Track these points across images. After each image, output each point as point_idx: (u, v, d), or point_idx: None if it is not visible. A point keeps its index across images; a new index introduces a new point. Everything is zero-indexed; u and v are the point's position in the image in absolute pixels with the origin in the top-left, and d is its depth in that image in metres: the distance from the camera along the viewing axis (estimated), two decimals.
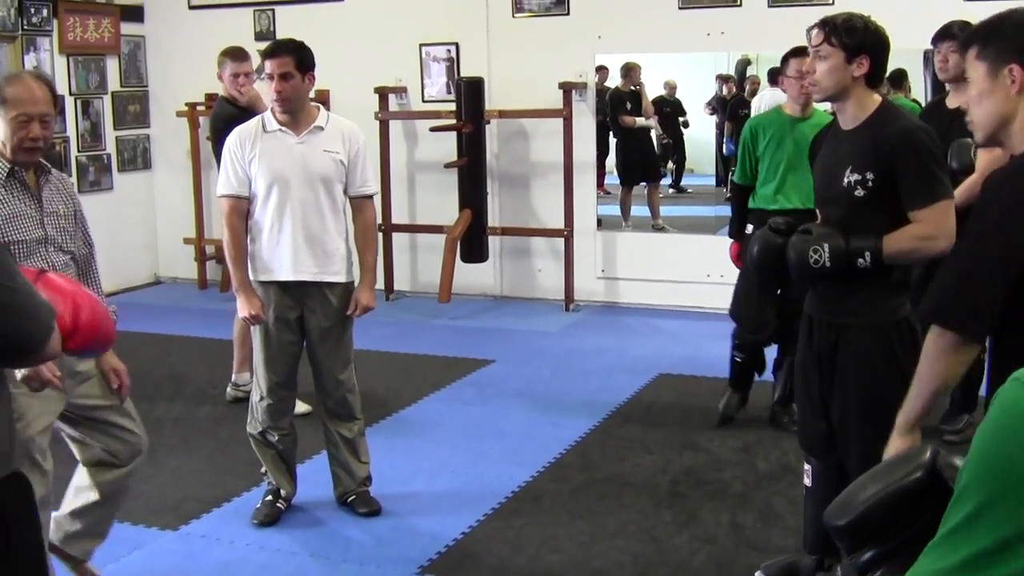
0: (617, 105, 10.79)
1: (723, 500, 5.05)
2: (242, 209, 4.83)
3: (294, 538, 4.81)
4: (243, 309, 4.81)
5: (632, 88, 11.11)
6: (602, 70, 12.16)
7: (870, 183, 3.51)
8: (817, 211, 3.87)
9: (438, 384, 7.02)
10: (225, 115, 6.46)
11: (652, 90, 11.58)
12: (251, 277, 4.86)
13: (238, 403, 6.51)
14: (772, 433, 5.86)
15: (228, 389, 6.82)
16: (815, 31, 3.60)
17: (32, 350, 2.34)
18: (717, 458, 5.58)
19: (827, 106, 4.71)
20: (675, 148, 13.64)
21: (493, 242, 9.20)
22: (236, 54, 6.58)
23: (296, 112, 4.73)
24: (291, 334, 4.88)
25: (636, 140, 11.26)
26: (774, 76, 12.03)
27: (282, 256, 4.79)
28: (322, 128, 4.77)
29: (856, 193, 3.54)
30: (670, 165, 13.39)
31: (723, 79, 13.62)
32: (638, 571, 4.39)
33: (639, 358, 7.49)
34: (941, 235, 3.46)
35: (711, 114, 12.87)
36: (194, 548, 4.74)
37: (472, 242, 8.96)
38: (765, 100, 12.01)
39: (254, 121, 4.85)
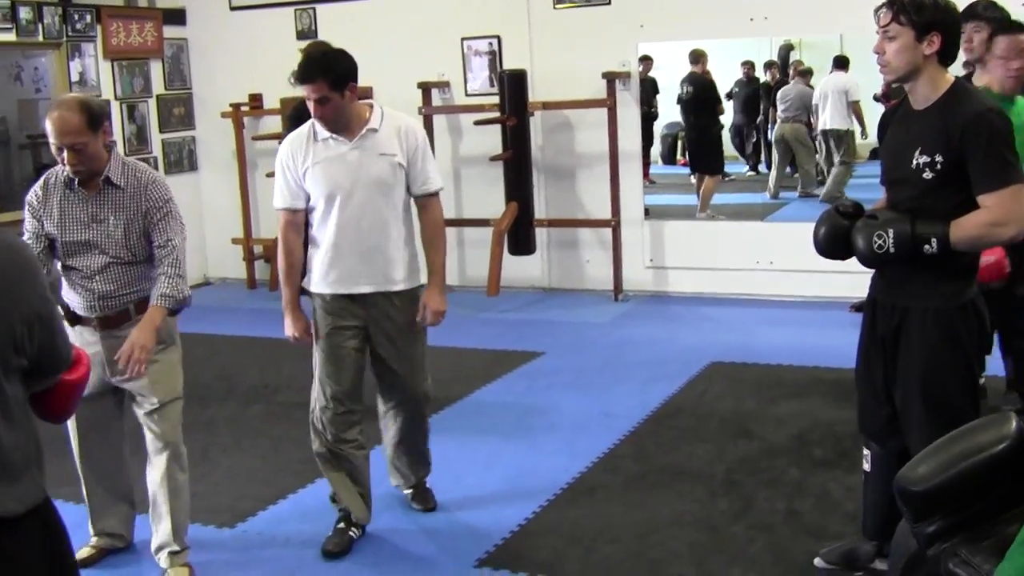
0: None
1: (779, 487, 5.00)
2: (297, 222, 4.59)
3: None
4: (287, 329, 4.63)
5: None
6: (646, 60, 12.13)
7: (939, 166, 3.45)
8: (884, 192, 3.81)
9: (489, 377, 7.01)
10: (298, 114, 6.52)
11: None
12: (313, 288, 4.62)
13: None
14: (827, 420, 5.80)
15: None
16: (883, 10, 3.52)
17: (57, 369, 2.37)
18: (771, 446, 5.53)
19: None
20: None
21: (540, 234, 9.17)
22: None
23: (345, 123, 4.42)
24: (354, 341, 4.61)
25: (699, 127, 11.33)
26: (840, 62, 11.99)
27: (342, 269, 4.54)
28: (376, 130, 4.45)
29: (924, 175, 3.48)
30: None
31: (766, 65, 13.57)
32: (695, 560, 4.36)
33: (690, 347, 7.44)
34: (1011, 221, 3.39)
35: (727, 99, 12.79)
36: (251, 545, 4.75)
37: (519, 234, 8.94)
38: (831, 84, 11.93)
39: (304, 129, 4.53)
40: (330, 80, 4.28)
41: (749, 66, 13.26)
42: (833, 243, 3.77)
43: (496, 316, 8.75)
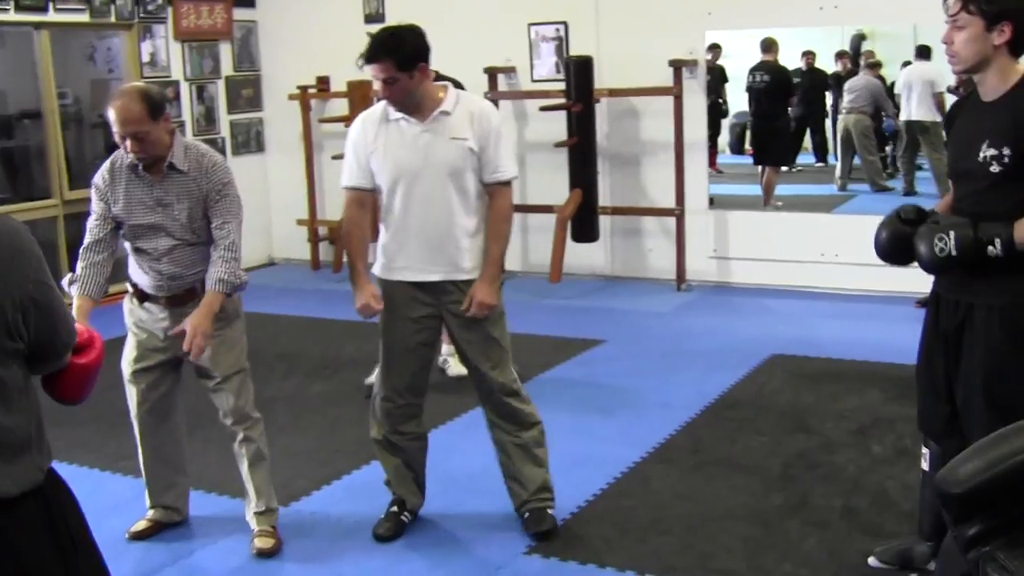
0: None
1: (835, 484, 4.94)
2: (363, 200, 4.46)
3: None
4: (356, 301, 4.45)
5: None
6: (715, 48, 12.02)
7: (1006, 159, 3.36)
8: (950, 184, 3.73)
9: (548, 364, 6.99)
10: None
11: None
12: (380, 275, 4.50)
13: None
14: (887, 416, 5.72)
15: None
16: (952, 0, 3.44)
17: (59, 354, 2.38)
18: (830, 441, 5.46)
19: None
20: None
21: (604, 221, 9.13)
22: None
23: (416, 104, 4.27)
24: (420, 335, 4.48)
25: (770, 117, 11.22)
26: (922, 51, 11.78)
27: (410, 255, 4.40)
28: (448, 113, 4.29)
29: (991, 169, 3.39)
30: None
31: (837, 55, 13.36)
32: (747, 554, 4.32)
33: (751, 339, 7.37)
34: None
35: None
36: (303, 525, 4.78)
37: (583, 221, 8.91)
38: (915, 74, 11.68)
39: (378, 108, 4.39)
40: (397, 59, 4.14)
41: (810, 56, 13.07)
42: (894, 249, 3.71)
43: (558, 303, 8.73)
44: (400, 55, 4.16)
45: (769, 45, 11.08)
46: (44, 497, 2.36)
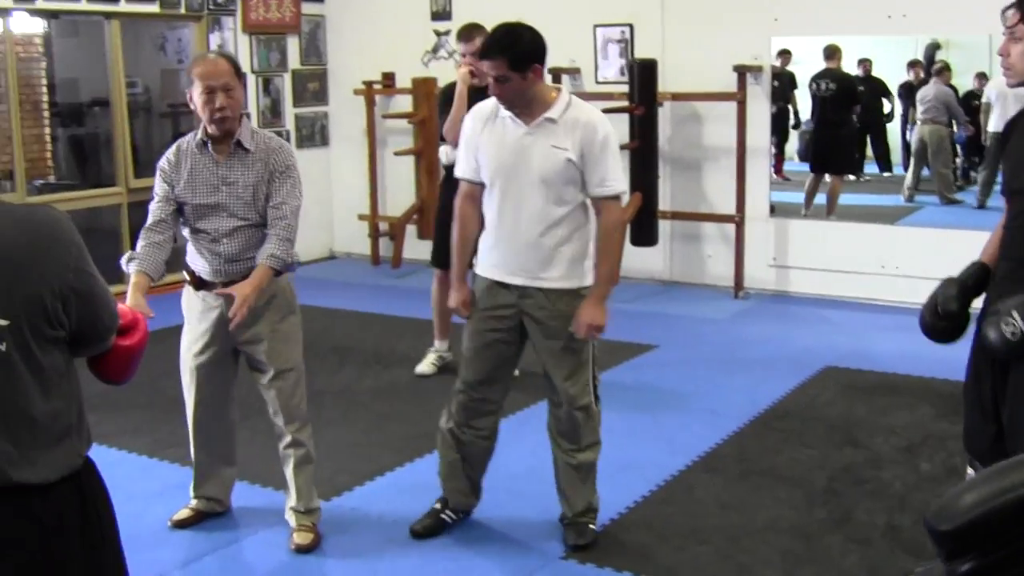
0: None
1: (881, 500, 4.88)
2: (474, 194, 4.41)
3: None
4: (450, 300, 4.52)
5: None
6: (785, 54, 11.92)
7: None
8: (1005, 202, 3.64)
9: (599, 368, 6.92)
10: (447, 93, 6.63)
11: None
12: (476, 267, 4.50)
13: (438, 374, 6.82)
14: (938, 433, 5.64)
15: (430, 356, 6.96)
16: (1011, 11, 3.32)
17: (101, 339, 2.41)
18: (878, 456, 5.40)
19: None
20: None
21: (663, 226, 9.08)
22: (459, 34, 6.58)
23: (525, 105, 4.23)
24: (502, 333, 4.42)
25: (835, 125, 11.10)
26: None
27: (498, 255, 4.37)
28: (554, 120, 4.20)
29: None
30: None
31: (909, 64, 13.20)
32: (785, 568, 4.28)
33: (805, 349, 7.30)
34: None
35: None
36: (344, 520, 4.80)
37: (642, 225, 8.86)
38: (1005, 85, 11.43)
39: (490, 102, 4.34)
40: (510, 58, 4.11)
41: (866, 63, 12.92)
42: (938, 339, 3.66)
43: (613, 306, 8.54)
44: (514, 54, 4.13)
45: (833, 52, 10.97)
46: (80, 484, 2.39)
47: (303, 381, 4.60)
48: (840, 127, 11.13)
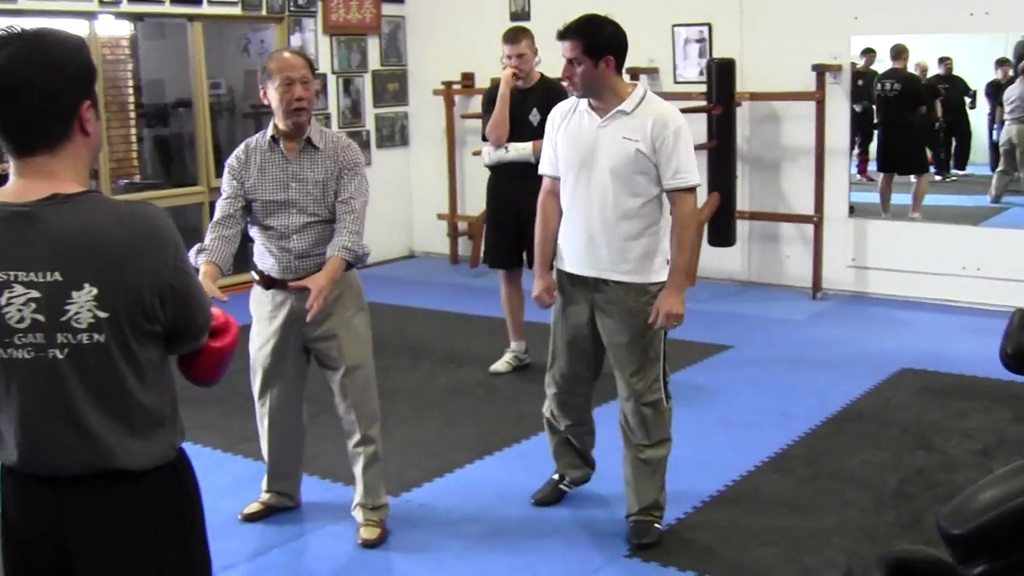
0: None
1: None
2: (555, 189, 4.54)
3: (507, 513, 4.86)
4: (534, 289, 4.62)
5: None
6: (869, 53, 11.76)
7: None
8: None
9: (673, 368, 6.86)
10: (491, 94, 6.75)
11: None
12: (556, 261, 4.61)
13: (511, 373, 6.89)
14: (1015, 437, 5.55)
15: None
16: None
17: (194, 337, 2.47)
18: (951, 459, 5.32)
19: None
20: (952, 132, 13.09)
21: (741, 226, 9.03)
22: (505, 36, 6.64)
23: (599, 96, 4.33)
24: (579, 327, 4.54)
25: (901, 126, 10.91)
26: None
27: (571, 247, 4.48)
28: (627, 112, 4.29)
29: None
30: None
31: (997, 62, 12.95)
32: None
33: (882, 351, 7.21)
34: None
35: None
36: (411, 516, 4.85)
37: (720, 225, 8.82)
38: None
39: (570, 100, 4.51)
40: (586, 43, 4.23)
41: (947, 62, 12.69)
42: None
43: (690, 306, 8.41)
44: (591, 40, 4.25)
45: (899, 52, 10.81)
46: (175, 473, 2.45)
47: (373, 378, 4.65)
48: (905, 127, 10.96)
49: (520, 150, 6.48)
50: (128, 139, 11.03)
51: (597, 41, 4.25)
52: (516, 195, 6.51)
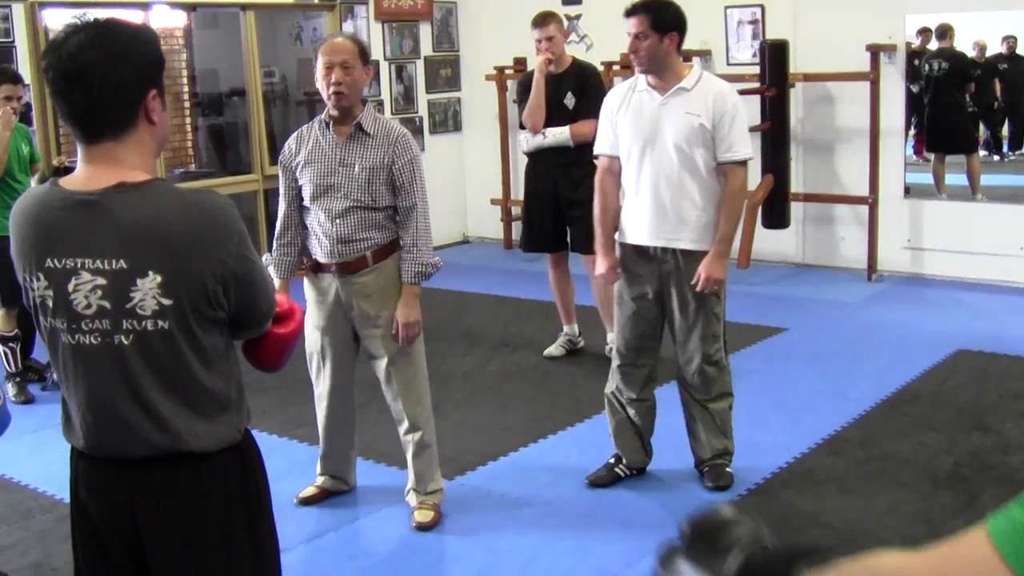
0: None
1: (1008, 486, 4.77)
2: (613, 168, 4.78)
3: (560, 496, 4.88)
4: (598, 266, 4.84)
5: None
6: (926, 32, 11.62)
7: None
8: None
9: (728, 350, 6.92)
10: (525, 81, 6.83)
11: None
12: (617, 236, 4.80)
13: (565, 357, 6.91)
14: None
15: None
16: None
17: (258, 323, 2.51)
18: (1008, 441, 5.28)
19: None
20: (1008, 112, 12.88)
21: (796, 208, 8.98)
22: (534, 21, 6.67)
23: (660, 72, 4.57)
24: (644, 299, 4.74)
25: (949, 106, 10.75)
26: None
27: (637, 219, 4.69)
28: (687, 89, 4.54)
29: None
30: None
31: None
32: None
33: (938, 332, 7.16)
34: None
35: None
36: (465, 499, 4.89)
37: (774, 208, 8.78)
38: None
39: (630, 80, 4.75)
40: (652, 18, 4.47)
41: (1010, 40, 12.49)
42: None
43: (744, 289, 8.60)
44: (657, 15, 4.50)
45: (945, 31, 10.65)
46: (242, 455, 2.50)
47: (422, 366, 4.67)
48: (953, 107, 10.81)
49: (557, 135, 6.51)
50: (183, 128, 11.13)
51: (663, 17, 4.50)
52: (554, 180, 6.60)
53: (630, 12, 4.54)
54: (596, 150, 4.88)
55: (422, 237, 4.43)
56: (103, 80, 2.22)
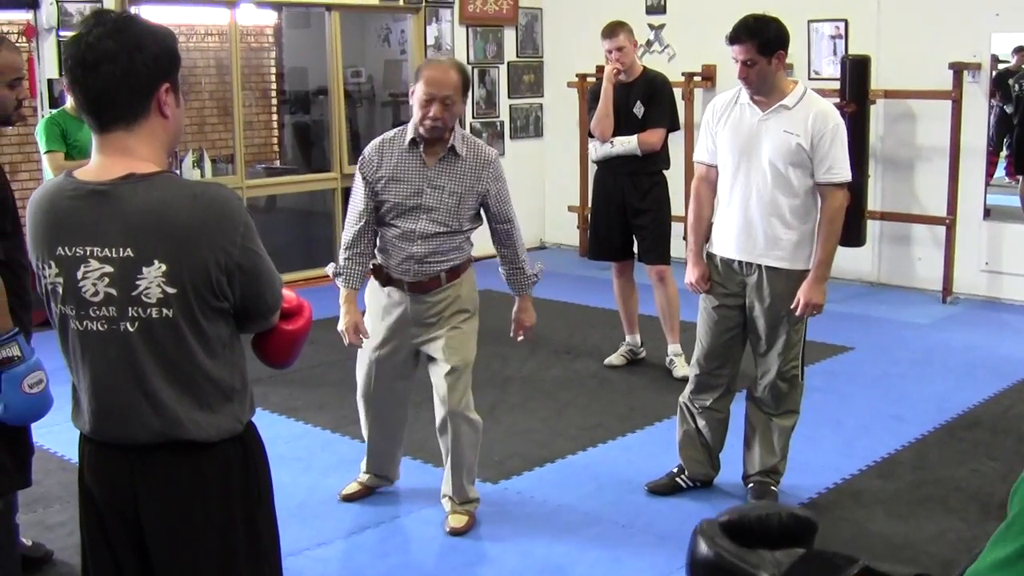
0: None
1: None
2: (710, 177, 4.76)
3: (601, 505, 4.88)
4: (688, 275, 4.80)
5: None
6: (1021, 51, 11.39)
7: None
8: None
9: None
10: (595, 90, 6.86)
11: None
12: (708, 245, 4.80)
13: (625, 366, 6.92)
14: None
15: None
16: None
17: (264, 316, 2.55)
18: None
19: None
20: None
21: (872, 226, 8.87)
22: (603, 31, 6.69)
23: (767, 92, 4.52)
24: (727, 309, 4.73)
25: None
26: None
27: (726, 232, 4.69)
28: (788, 107, 4.49)
29: None
30: None
31: None
32: None
33: (1008, 358, 7.02)
34: None
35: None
36: (508, 502, 4.92)
37: (849, 225, 8.60)
38: None
39: (731, 92, 4.71)
40: (758, 43, 4.43)
41: None
42: None
43: None
44: (762, 39, 4.45)
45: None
46: (244, 446, 2.55)
47: (470, 377, 4.64)
48: None
49: (626, 144, 6.52)
50: (269, 125, 11.31)
51: (769, 39, 4.45)
52: (623, 189, 6.62)
53: (734, 39, 4.49)
54: (696, 158, 4.89)
55: (522, 250, 4.61)
56: (115, 67, 2.28)
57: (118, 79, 2.29)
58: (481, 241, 4.71)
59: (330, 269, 4.61)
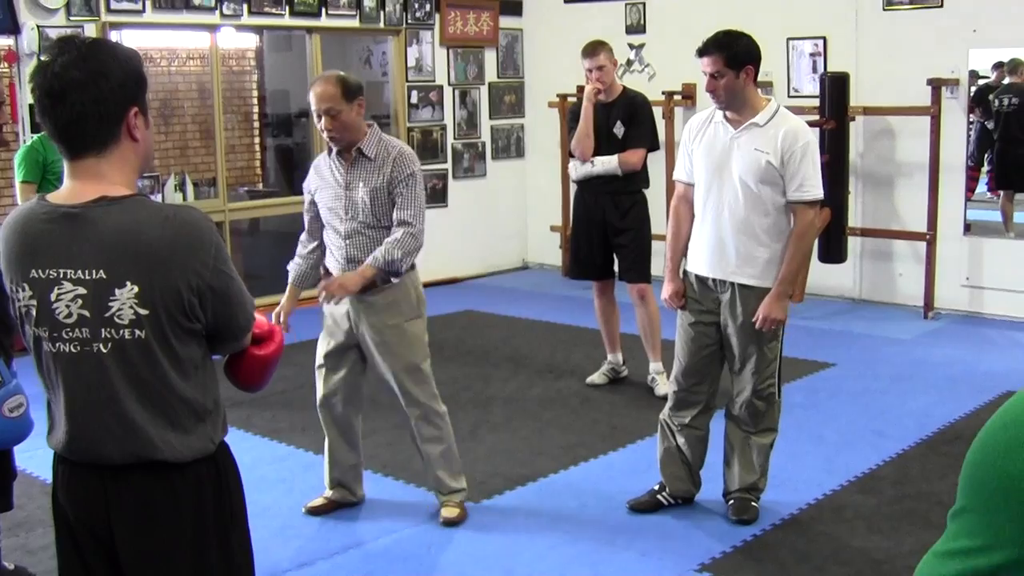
0: None
1: None
2: (688, 195, 4.79)
3: (582, 524, 4.88)
4: (663, 291, 4.86)
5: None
6: (1001, 67, 11.45)
7: None
8: None
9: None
10: (575, 110, 6.89)
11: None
12: (684, 265, 4.83)
13: (607, 385, 6.93)
14: None
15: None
16: None
17: (236, 337, 2.56)
18: None
19: None
20: None
21: (853, 243, 8.91)
22: (584, 50, 6.72)
23: (737, 107, 4.56)
24: (703, 326, 4.75)
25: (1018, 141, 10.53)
26: None
27: (700, 249, 4.71)
28: (759, 125, 4.53)
29: None
30: None
31: None
32: None
33: (989, 373, 7.05)
34: None
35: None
36: (486, 523, 4.90)
37: (830, 241, 8.71)
38: None
39: (707, 111, 4.74)
40: (726, 56, 4.46)
41: None
42: None
43: (797, 323, 8.49)
44: (730, 52, 4.48)
45: (1016, 66, 10.45)
46: (216, 466, 2.55)
47: (427, 376, 4.79)
48: (1023, 143, 10.63)
49: (606, 163, 6.53)
50: (251, 148, 11.31)
51: (737, 53, 4.47)
52: (603, 208, 6.63)
53: (702, 52, 4.53)
54: (674, 177, 4.90)
55: (401, 247, 4.56)
56: (83, 96, 2.29)
57: (86, 108, 2.30)
58: (460, 261, 4.73)
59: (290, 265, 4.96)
